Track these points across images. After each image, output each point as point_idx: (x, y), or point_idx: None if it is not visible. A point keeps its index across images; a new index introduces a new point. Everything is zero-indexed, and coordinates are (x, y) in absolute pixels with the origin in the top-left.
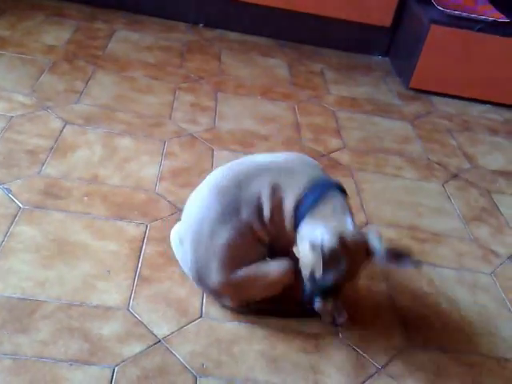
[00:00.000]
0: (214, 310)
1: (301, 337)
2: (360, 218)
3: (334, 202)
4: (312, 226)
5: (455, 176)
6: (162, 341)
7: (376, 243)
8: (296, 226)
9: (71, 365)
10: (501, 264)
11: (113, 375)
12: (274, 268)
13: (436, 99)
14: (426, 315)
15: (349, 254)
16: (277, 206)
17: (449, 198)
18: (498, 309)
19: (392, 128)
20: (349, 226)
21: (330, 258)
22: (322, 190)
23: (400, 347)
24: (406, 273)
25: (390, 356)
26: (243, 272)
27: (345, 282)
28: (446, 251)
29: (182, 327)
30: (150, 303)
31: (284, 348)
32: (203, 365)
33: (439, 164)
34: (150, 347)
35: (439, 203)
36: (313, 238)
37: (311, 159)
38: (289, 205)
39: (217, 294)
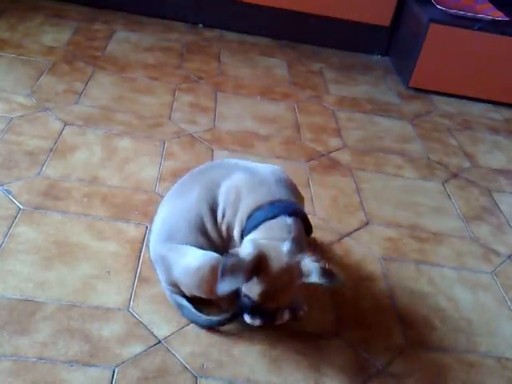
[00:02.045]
0: (214, 310)
1: (301, 337)
2: (360, 217)
3: (280, 225)
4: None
5: (455, 175)
6: (163, 341)
7: (311, 268)
8: (242, 237)
9: (71, 366)
10: (501, 263)
11: (113, 376)
12: (196, 252)
13: (436, 98)
14: (427, 315)
15: (269, 272)
16: (231, 206)
17: (449, 197)
18: (498, 308)
19: (392, 127)
20: (281, 248)
21: (233, 268)
22: (275, 211)
23: (400, 347)
24: (406, 272)
25: (390, 356)
26: (171, 248)
27: (273, 303)
28: (446, 250)
29: (182, 328)
30: (150, 304)
31: (284, 348)
32: (203, 365)
33: (439, 163)
34: (150, 348)
35: (439, 202)
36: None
37: (287, 178)
38: (243, 212)
39: (154, 266)
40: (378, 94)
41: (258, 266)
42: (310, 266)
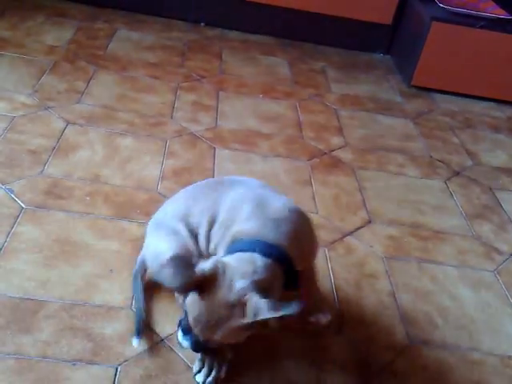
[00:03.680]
0: None
1: (304, 334)
2: (362, 216)
3: (249, 261)
4: None
5: (458, 173)
6: (165, 340)
7: (260, 305)
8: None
9: (74, 364)
10: (504, 261)
11: (116, 375)
12: (169, 237)
13: (438, 96)
14: (429, 313)
15: (210, 297)
16: (225, 220)
17: (451, 195)
18: (500, 306)
19: (394, 126)
20: (234, 284)
21: (180, 264)
22: (250, 246)
23: (403, 345)
24: (408, 271)
25: (392, 354)
26: (154, 227)
27: (204, 333)
28: (448, 249)
29: None
30: (152, 302)
31: (287, 345)
32: None
33: (441, 161)
34: (152, 346)
35: (442, 201)
36: None
37: (297, 219)
38: (229, 234)
39: None
40: (380, 93)
41: (205, 283)
42: (258, 303)
